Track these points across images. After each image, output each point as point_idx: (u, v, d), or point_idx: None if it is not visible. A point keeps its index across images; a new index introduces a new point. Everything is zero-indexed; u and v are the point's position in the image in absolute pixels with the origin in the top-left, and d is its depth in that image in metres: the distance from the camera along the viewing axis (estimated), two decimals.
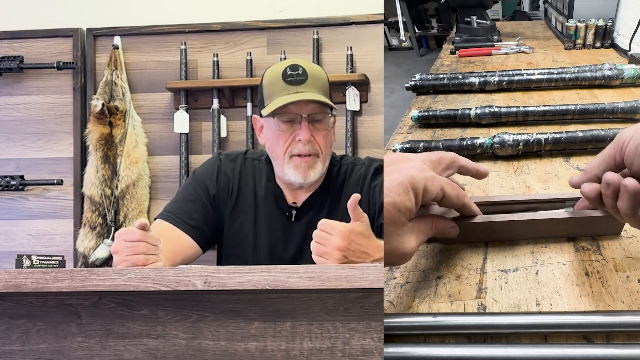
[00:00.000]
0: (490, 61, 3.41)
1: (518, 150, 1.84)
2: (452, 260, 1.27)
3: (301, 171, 1.65)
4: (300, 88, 1.64)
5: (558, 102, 2.36)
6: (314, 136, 1.65)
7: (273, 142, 1.68)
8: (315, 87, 1.65)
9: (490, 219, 1.23)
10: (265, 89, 1.69)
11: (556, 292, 1.11)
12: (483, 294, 1.13)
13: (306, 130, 1.64)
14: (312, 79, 1.65)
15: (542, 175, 1.72)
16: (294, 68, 1.66)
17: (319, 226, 1.41)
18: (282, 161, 1.67)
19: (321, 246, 1.38)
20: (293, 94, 1.63)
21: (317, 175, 1.67)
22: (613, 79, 2.48)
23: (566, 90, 2.55)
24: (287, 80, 1.64)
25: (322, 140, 1.66)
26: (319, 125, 1.66)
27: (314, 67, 1.70)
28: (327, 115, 1.68)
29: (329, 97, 1.69)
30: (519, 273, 1.19)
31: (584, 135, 1.83)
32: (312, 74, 1.66)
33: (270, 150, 1.71)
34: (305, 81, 1.64)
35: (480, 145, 1.88)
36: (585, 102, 2.21)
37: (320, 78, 1.68)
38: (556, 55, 3.44)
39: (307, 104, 1.64)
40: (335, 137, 1.75)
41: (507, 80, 2.59)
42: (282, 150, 1.66)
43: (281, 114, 1.65)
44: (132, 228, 1.38)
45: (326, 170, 1.72)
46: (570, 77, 2.54)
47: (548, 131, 1.90)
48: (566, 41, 3.58)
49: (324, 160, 1.68)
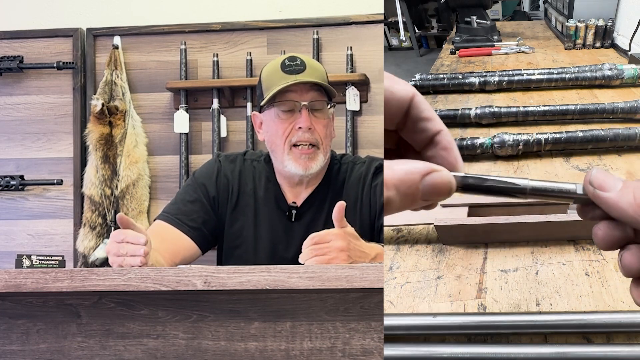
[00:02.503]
0: (490, 61, 3.41)
1: (518, 150, 1.84)
2: (452, 260, 1.26)
3: (302, 162, 1.64)
4: (299, 76, 1.64)
5: (558, 102, 2.36)
6: (314, 125, 1.65)
7: (273, 133, 1.67)
8: (314, 76, 1.65)
9: (492, 220, 1.23)
10: (264, 82, 1.69)
11: (556, 292, 1.11)
12: (483, 294, 1.13)
13: (306, 118, 1.63)
14: (310, 69, 1.65)
15: (542, 175, 1.72)
16: (292, 59, 1.66)
17: (313, 241, 1.39)
18: (282, 152, 1.66)
19: (323, 256, 1.37)
20: (292, 81, 1.63)
21: (318, 167, 1.66)
22: (613, 79, 2.48)
23: (566, 90, 2.55)
24: (286, 70, 1.64)
25: (323, 129, 1.66)
26: (319, 114, 1.66)
27: (312, 60, 1.72)
28: (327, 105, 1.67)
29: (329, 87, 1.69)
30: (519, 273, 1.19)
31: (584, 135, 1.83)
32: (310, 65, 1.67)
33: (269, 142, 1.70)
34: (303, 70, 1.64)
35: (480, 145, 1.88)
36: (585, 102, 2.21)
37: (318, 69, 1.69)
38: (556, 55, 3.44)
39: (307, 92, 1.64)
40: (335, 132, 1.75)
41: (507, 80, 2.59)
42: (282, 140, 1.65)
43: (281, 103, 1.64)
44: (120, 229, 1.38)
45: (326, 166, 1.72)
46: (570, 77, 2.54)
47: (548, 131, 1.90)
48: (566, 41, 3.58)
49: (325, 152, 1.67)
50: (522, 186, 0.57)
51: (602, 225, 0.58)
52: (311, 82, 1.63)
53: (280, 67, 1.65)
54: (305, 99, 1.64)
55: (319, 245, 1.38)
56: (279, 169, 1.71)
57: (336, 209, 1.38)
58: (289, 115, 1.64)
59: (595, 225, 0.59)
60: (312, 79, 1.64)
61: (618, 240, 0.57)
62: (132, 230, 1.38)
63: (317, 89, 1.65)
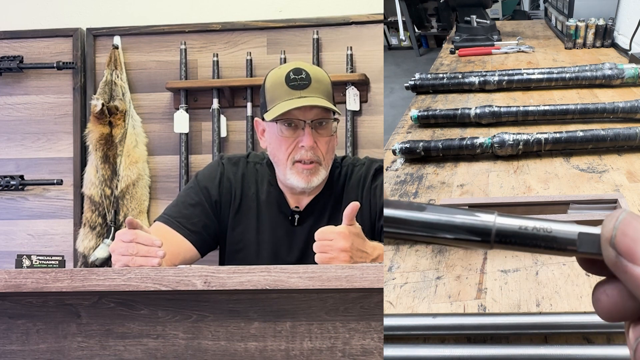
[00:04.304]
0: (490, 61, 3.41)
1: (518, 150, 1.84)
2: (452, 261, 1.26)
3: (304, 177, 1.65)
4: (303, 93, 1.63)
5: (558, 102, 2.36)
6: (316, 142, 1.65)
7: (276, 147, 1.67)
8: (318, 92, 1.64)
9: None
10: (267, 92, 1.68)
11: (556, 292, 1.11)
12: (483, 295, 1.13)
13: (309, 137, 1.63)
14: (315, 82, 1.65)
15: (542, 175, 1.71)
16: (297, 72, 1.65)
17: (317, 237, 1.41)
18: (284, 166, 1.66)
19: (325, 254, 1.39)
20: (296, 98, 1.62)
21: (319, 180, 1.67)
22: (613, 78, 2.48)
23: (566, 89, 2.55)
24: (291, 84, 1.63)
25: (325, 146, 1.66)
26: (322, 130, 1.66)
27: (317, 71, 1.69)
28: (331, 120, 1.67)
29: (332, 101, 1.68)
30: (519, 273, 1.19)
31: (584, 135, 1.83)
32: (316, 78, 1.65)
33: (272, 155, 1.70)
34: (308, 85, 1.63)
35: (480, 145, 1.88)
36: (585, 102, 2.21)
37: (323, 82, 1.68)
38: (556, 55, 3.43)
39: (310, 110, 1.63)
40: (338, 140, 1.75)
41: (507, 80, 2.59)
42: (285, 157, 1.65)
43: (284, 120, 1.64)
44: (129, 229, 1.39)
45: (328, 174, 1.72)
46: (570, 76, 2.54)
47: (548, 131, 1.90)
48: (566, 40, 3.57)
49: (327, 167, 1.68)
50: (487, 228, 0.41)
51: (611, 288, 0.42)
52: (315, 105, 1.62)
53: (285, 80, 1.64)
54: (309, 117, 1.63)
55: (322, 243, 1.40)
56: (281, 179, 1.71)
57: (350, 207, 1.40)
58: (292, 132, 1.64)
59: (598, 285, 0.43)
60: (316, 95, 1.63)
61: (632, 313, 0.41)
62: (142, 232, 1.39)
63: (321, 106, 1.64)
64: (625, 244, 0.38)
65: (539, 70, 2.64)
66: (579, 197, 1.30)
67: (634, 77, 2.45)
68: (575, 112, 2.09)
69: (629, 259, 0.38)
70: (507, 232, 0.41)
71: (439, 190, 1.75)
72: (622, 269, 0.39)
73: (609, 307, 0.41)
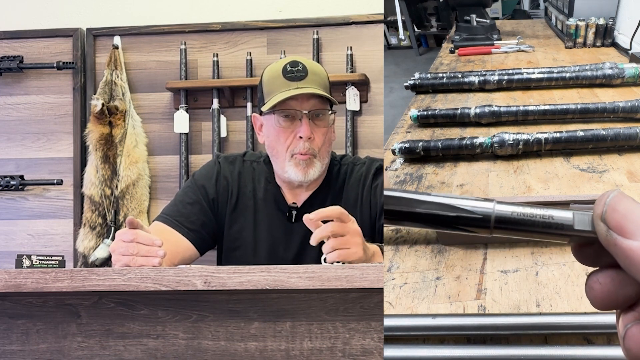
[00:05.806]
0: (490, 60, 3.41)
1: (518, 150, 1.84)
2: (452, 261, 1.26)
3: (301, 169, 1.65)
4: (300, 84, 1.63)
5: (558, 101, 2.36)
6: (314, 134, 1.65)
7: (273, 139, 1.67)
8: (315, 83, 1.65)
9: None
10: (265, 85, 1.69)
11: (556, 292, 1.11)
12: (483, 295, 1.13)
13: (307, 127, 1.63)
14: (312, 74, 1.65)
15: (542, 175, 1.71)
16: (294, 64, 1.65)
17: (331, 232, 1.34)
18: (283, 159, 1.66)
19: (347, 250, 1.34)
20: (293, 89, 1.62)
21: (316, 173, 1.66)
22: (614, 78, 2.47)
23: (566, 89, 2.55)
24: (287, 76, 1.64)
25: (322, 137, 1.66)
26: (320, 122, 1.66)
27: (314, 64, 1.70)
28: (328, 112, 1.67)
29: (329, 94, 1.69)
30: (519, 274, 1.18)
31: (585, 134, 1.83)
32: (312, 70, 1.66)
33: (270, 148, 1.70)
34: (305, 77, 1.64)
35: (480, 144, 1.88)
36: (585, 102, 2.21)
37: (320, 74, 1.68)
38: (556, 54, 3.43)
39: (307, 100, 1.64)
40: (335, 135, 1.75)
41: (507, 80, 2.59)
42: (284, 148, 1.65)
43: (281, 110, 1.64)
44: (129, 229, 1.39)
45: (326, 169, 1.72)
46: (570, 76, 2.54)
47: (548, 130, 1.90)
48: (566, 40, 3.57)
49: (322, 158, 1.67)
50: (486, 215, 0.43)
51: (604, 276, 0.43)
52: (312, 94, 1.62)
53: (281, 72, 1.64)
54: (306, 108, 1.63)
55: (338, 239, 1.34)
56: (279, 173, 1.71)
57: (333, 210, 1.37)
58: (290, 123, 1.64)
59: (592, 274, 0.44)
60: (313, 86, 1.63)
61: (623, 301, 0.42)
62: (143, 231, 1.39)
63: (318, 96, 1.65)
64: (616, 219, 0.40)
65: (539, 69, 2.63)
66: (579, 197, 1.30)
67: (635, 76, 2.45)
68: (575, 111, 2.08)
69: (618, 233, 0.40)
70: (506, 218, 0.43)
71: (438, 190, 1.75)
72: (612, 242, 0.40)
73: (601, 295, 0.42)
